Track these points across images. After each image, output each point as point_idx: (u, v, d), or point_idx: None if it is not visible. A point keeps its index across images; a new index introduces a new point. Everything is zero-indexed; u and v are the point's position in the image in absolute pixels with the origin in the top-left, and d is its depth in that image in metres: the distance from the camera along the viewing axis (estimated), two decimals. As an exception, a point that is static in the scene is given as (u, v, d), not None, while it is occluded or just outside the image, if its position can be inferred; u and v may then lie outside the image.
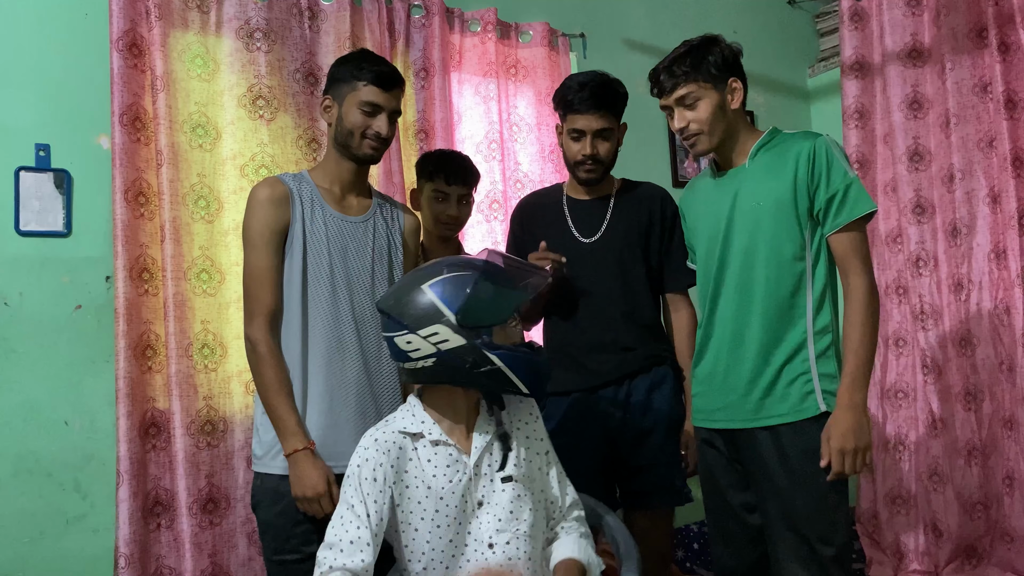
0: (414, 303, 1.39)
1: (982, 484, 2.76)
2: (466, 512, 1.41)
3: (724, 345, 1.77)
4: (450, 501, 1.40)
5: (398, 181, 2.52)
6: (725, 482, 1.82)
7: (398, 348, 1.41)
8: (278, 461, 1.65)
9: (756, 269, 1.72)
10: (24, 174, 2.15)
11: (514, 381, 1.40)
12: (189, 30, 2.30)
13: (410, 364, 1.42)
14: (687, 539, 3.00)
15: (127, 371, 2.10)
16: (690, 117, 1.75)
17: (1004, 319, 2.70)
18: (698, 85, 1.73)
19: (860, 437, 1.60)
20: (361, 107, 1.70)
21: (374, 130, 1.72)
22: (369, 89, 1.70)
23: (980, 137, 2.75)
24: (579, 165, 2.03)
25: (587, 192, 2.11)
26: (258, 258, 1.67)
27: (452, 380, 1.42)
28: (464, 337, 1.36)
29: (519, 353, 1.41)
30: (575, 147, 2.02)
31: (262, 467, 1.69)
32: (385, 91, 1.72)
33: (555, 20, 2.98)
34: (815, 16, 3.84)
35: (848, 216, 1.66)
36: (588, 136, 2.00)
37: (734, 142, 1.79)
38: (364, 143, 1.73)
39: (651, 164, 3.22)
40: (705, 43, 1.76)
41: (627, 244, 2.06)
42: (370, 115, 1.71)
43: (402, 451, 1.41)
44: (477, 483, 1.43)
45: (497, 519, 1.41)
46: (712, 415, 1.81)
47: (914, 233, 2.91)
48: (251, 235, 1.69)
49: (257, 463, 1.71)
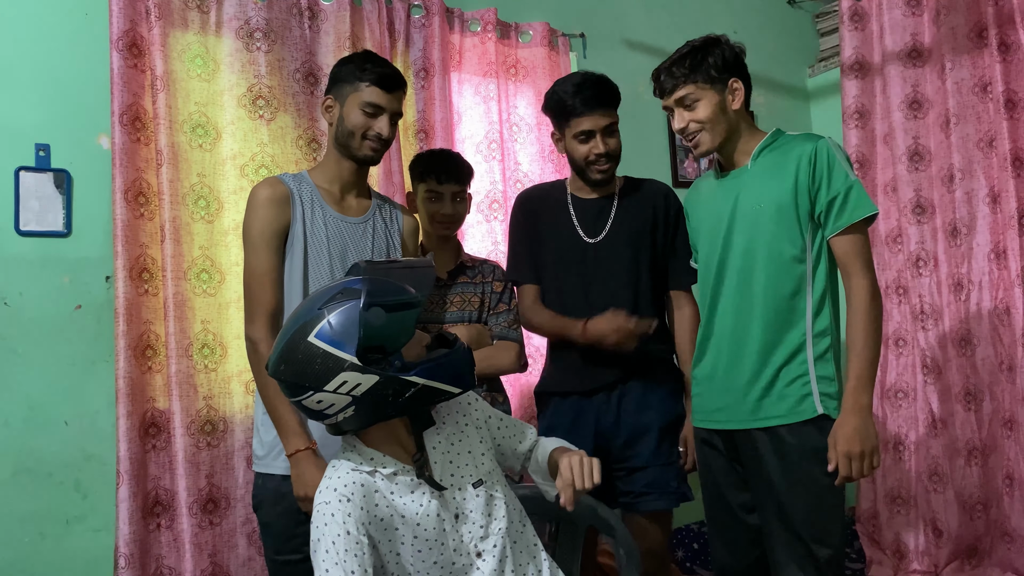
0: (307, 361, 1.23)
1: (982, 484, 2.76)
2: (446, 531, 1.34)
3: (724, 346, 1.77)
4: (427, 524, 1.32)
5: (398, 181, 2.52)
6: (724, 482, 1.82)
7: (312, 410, 1.28)
8: (280, 461, 1.65)
9: (756, 270, 1.72)
10: (24, 174, 2.15)
11: (443, 389, 1.30)
12: (189, 30, 2.30)
13: (330, 421, 1.30)
14: (687, 539, 3.00)
15: (127, 371, 2.10)
16: (689, 117, 1.75)
17: (1004, 319, 2.70)
18: (697, 86, 1.73)
19: (867, 440, 1.60)
20: (363, 108, 1.70)
21: (375, 131, 1.71)
22: (372, 90, 1.70)
23: (980, 137, 2.75)
24: (592, 165, 2.03)
25: (592, 191, 2.11)
26: (259, 259, 1.66)
27: (380, 417, 1.30)
28: (375, 374, 1.24)
29: (437, 361, 1.30)
30: (584, 148, 2.01)
31: (263, 467, 1.69)
32: (387, 92, 1.72)
33: (555, 20, 2.98)
34: (815, 16, 3.84)
35: (849, 219, 1.66)
36: (598, 134, 1.99)
37: (736, 143, 1.79)
38: (365, 144, 1.72)
39: (651, 164, 3.22)
40: (706, 44, 1.76)
41: (631, 243, 2.05)
42: (372, 116, 1.71)
43: (365, 487, 1.29)
44: (446, 498, 1.35)
45: (478, 527, 1.36)
46: (711, 415, 1.81)
47: (914, 233, 2.91)
48: (252, 235, 1.68)
49: (258, 463, 1.71)
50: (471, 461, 1.40)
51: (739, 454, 1.77)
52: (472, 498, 1.37)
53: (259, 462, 1.70)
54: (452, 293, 2.05)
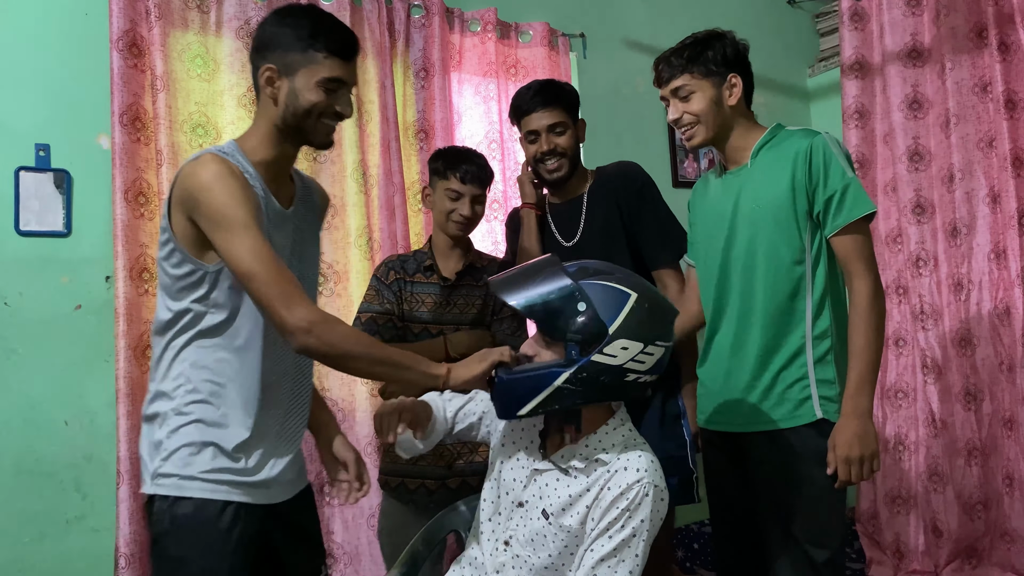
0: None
1: (982, 484, 2.76)
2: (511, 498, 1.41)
3: (726, 348, 1.76)
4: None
5: (398, 181, 2.52)
6: (727, 484, 1.81)
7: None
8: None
9: (756, 273, 1.71)
10: (24, 174, 2.15)
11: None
12: (189, 30, 2.30)
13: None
14: (687, 539, 3.00)
15: (127, 371, 2.10)
16: (683, 108, 1.74)
17: (1004, 319, 2.70)
18: (693, 77, 1.72)
19: (866, 444, 1.58)
20: (323, 84, 1.37)
21: (336, 109, 1.40)
22: (331, 63, 1.37)
23: (980, 137, 2.75)
24: (540, 164, 2.05)
25: (561, 195, 2.11)
26: (258, 237, 1.27)
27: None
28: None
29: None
30: (533, 148, 2.05)
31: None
32: (348, 63, 1.41)
33: (555, 20, 2.98)
34: (815, 16, 3.84)
35: (847, 218, 1.63)
36: (543, 133, 2.02)
37: (732, 138, 1.76)
38: (322, 124, 1.41)
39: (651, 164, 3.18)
40: (708, 37, 1.75)
41: (604, 239, 2.04)
42: (332, 92, 1.39)
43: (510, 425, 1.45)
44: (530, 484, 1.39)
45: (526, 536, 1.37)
46: (713, 417, 1.81)
47: (914, 233, 2.91)
48: (236, 214, 1.27)
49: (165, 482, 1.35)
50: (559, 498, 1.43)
51: (741, 456, 1.77)
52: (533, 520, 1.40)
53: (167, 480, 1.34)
54: (456, 295, 2.03)
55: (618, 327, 1.28)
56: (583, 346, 1.29)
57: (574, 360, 1.29)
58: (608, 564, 1.27)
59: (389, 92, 2.54)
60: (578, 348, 1.29)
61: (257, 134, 1.43)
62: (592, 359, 1.28)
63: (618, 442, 1.36)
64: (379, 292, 2.01)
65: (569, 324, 1.29)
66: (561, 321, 1.30)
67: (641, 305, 1.31)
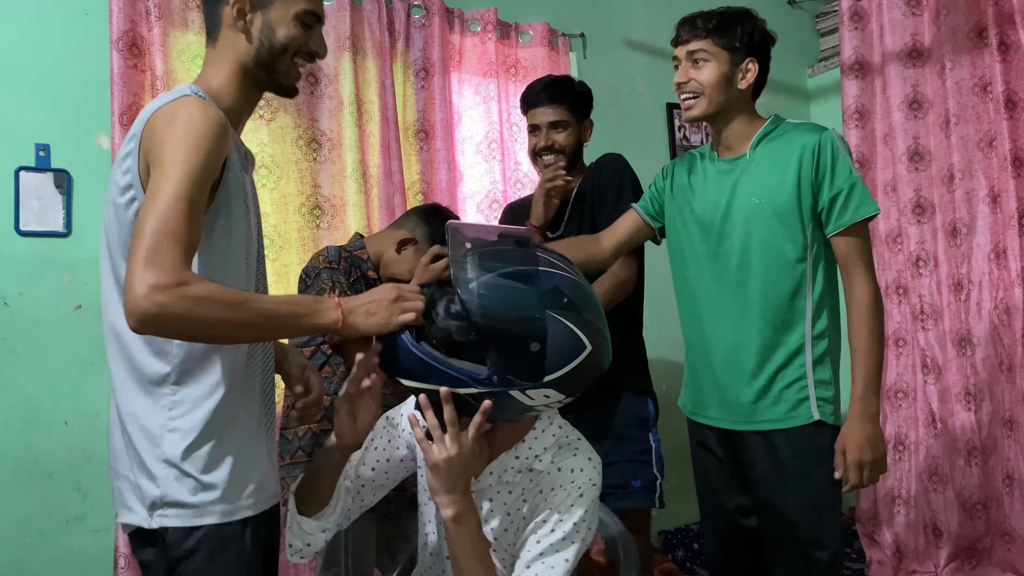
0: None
1: (982, 484, 2.76)
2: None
3: (720, 345, 1.72)
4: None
5: (398, 181, 2.52)
6: (719, 485, 1.79)
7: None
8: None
9: (753, 269, 1.67)
10: (24, 174, 2.15)
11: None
12: (189, 30, 2.30)
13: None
14: (687, 539, 3.00)
15: (127, 371, 2.10)
16: (693, 75, 1.70)
17: (1004, 319, 2.70)
18: (713, 45, 1.68)
19: (876, 448, 1.57)
20: (300, 18, 1.26)
21: (311, 48, 1.29)
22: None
23: (980, 137, 2.75)
24: (537, 158, 2.09)
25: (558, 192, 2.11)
26: (193, 190, 1.06)
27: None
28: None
29: None
30: (533, 140, 2.10)
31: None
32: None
33: (555, 20, 2.98)
34: (815, 16, 3.84)
35: (851, 218, 1.61)
36: (543, 129, 2.05)
37: (731, 123, 1.73)
38: (295, 65, 1.29)
39: (651, 164, 3.20)
40: (741, 14, 1.71)
41: (580, 233, 2.04)
42: (309, 28, 1.28)
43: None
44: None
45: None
46: (706, 411, 1.78)
47: (914, 233, 2.91)
48: (197, 158, 1.08)
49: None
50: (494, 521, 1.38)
51: (736, 455, 1.74)
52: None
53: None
54: None
55: (555, 379, 1.14)
56: (508, 378, 1.13)
57: (491, 383, 1.13)
58: (543, 561, 1.19)
59: (389, 92, 2.54)
60: (502, 375, 1.13)
61: (221, 76, 1.25)
62: (510, 392, 1.13)
63: (550, 444, 1.28)
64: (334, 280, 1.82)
65: (511, 351, 1.12)
66: (505, 344, 1.12)
67: (589, 360, 1.16)
